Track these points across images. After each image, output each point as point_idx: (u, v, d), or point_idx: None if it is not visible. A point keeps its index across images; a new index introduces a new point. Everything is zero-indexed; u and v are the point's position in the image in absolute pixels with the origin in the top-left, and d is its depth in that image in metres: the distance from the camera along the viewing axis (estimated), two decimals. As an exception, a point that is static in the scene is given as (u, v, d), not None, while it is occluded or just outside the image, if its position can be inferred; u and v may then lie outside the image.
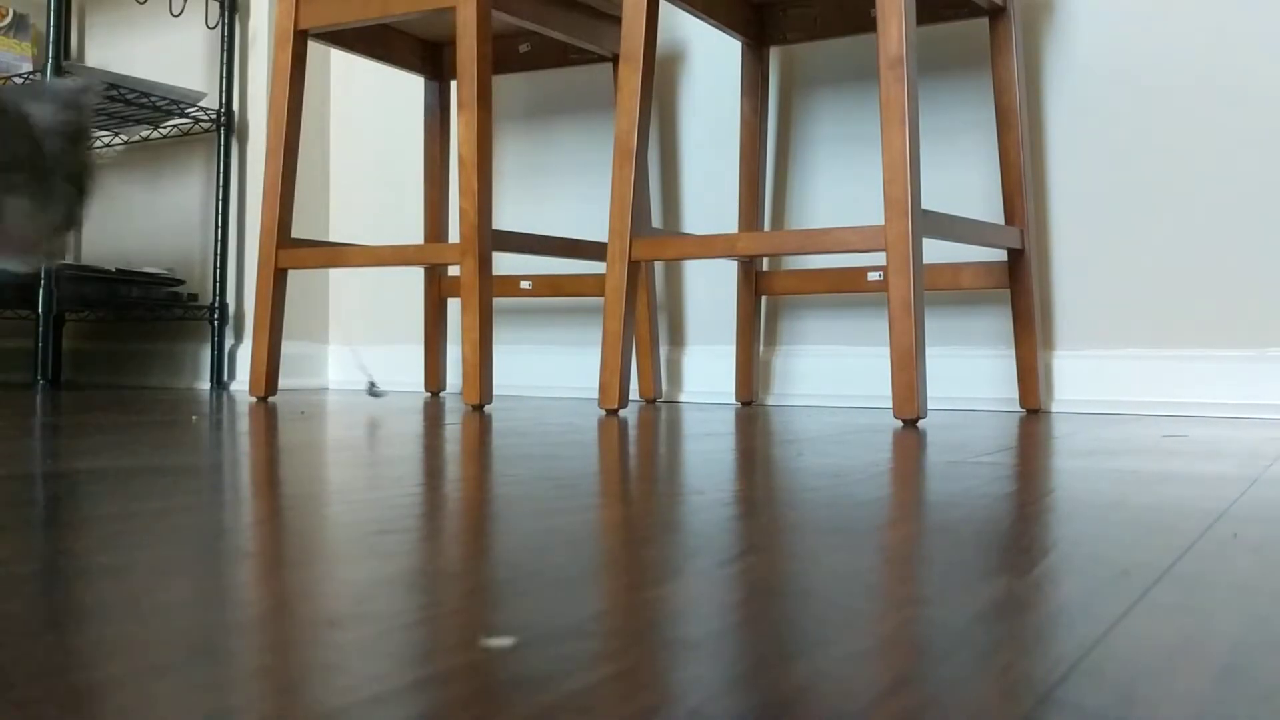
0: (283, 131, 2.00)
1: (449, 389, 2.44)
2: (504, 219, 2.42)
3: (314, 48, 2.58)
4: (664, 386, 2.21)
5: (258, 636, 0.38)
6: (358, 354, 1.08)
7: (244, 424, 1.41)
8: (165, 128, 2.66)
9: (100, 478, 0.81)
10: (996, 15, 1.82)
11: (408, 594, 0.45)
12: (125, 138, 2.77)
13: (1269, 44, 1.74)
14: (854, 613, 0.43)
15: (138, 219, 2.79)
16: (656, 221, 2.24)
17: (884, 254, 1.56)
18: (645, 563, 0.53)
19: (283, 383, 2.50)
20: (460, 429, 1.37)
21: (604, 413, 1.70)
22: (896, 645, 0.38)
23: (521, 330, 2.41)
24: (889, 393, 2.00)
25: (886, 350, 2.01)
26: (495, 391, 2.40)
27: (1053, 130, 1.90)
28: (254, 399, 2.00)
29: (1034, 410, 1.80)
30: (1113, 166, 1.85)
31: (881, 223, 1.55)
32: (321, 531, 0.61)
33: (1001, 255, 1.84)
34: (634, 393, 2.15)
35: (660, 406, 1.98)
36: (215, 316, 2.56)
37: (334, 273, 2.66)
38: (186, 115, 2.54)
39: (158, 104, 2.49)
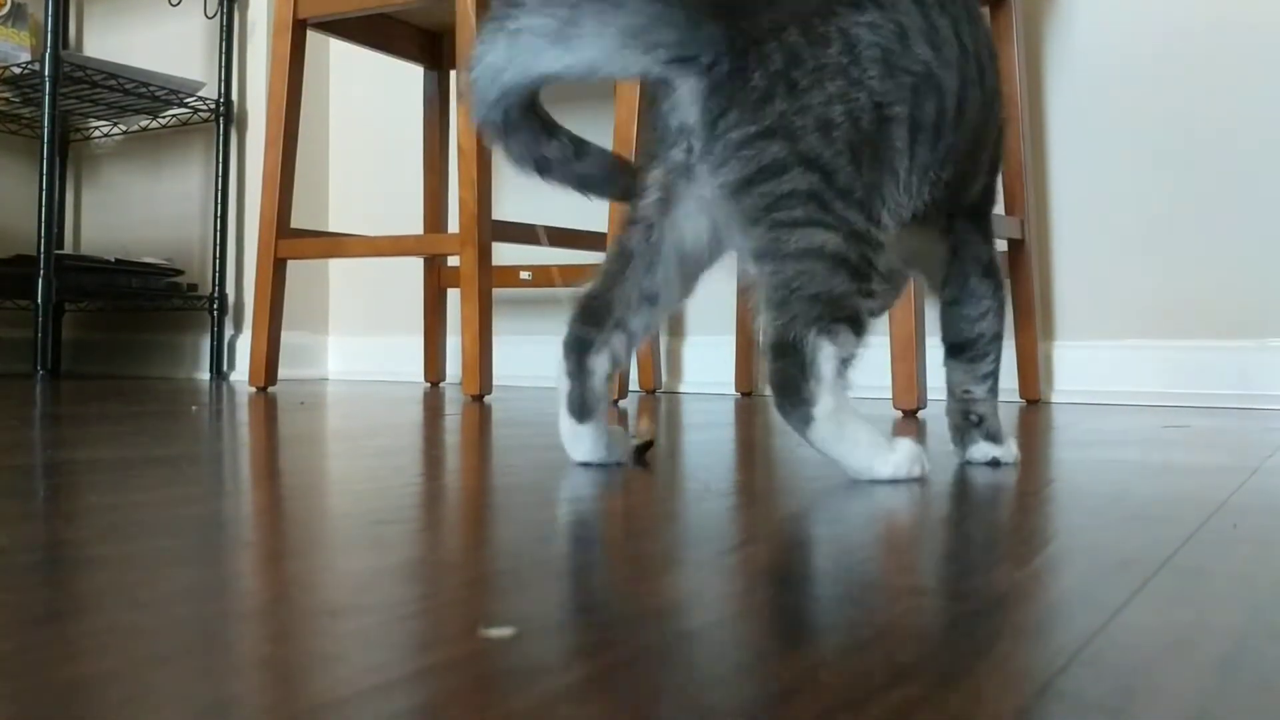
0: (282, 121, 1.99)
1: (449, 380, 2.44)
2: (504, 209, 2.42)
3: (313, 37, 2.57)
4: (664, 377, 2.20)
5: (257, 627, 0.38)
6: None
7: (243, 414, 1.41)
8: (164, 117, 2.65)
9: (100, 468, 0.81)
10: (997, 5, 1.81)
11: (408, 584, 0.45)
12: (124, 127, 2.77)
13: (1271, 35, 1.74)
14: (854, 603, 0.43)
15: (137, 209, 2.79)
16: (656, 212, 2.23)
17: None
18: (645, 553, 0.53)
19: (282, 373, 2.50)
20: (460, 420, 1.37)
21: (604, 403, 1.70)
22: (896, 635, 0.38)
23: (521, 321, 2.41)
24: (889, 383, 2.00)
25: (886, 340, 2.01)
26: (495, 382, 2.40)
27: (1053, 120, 1.89)
28: (254, 389, 2.00)
29: (1034, 401, 1.80)
30: (1113, 157, 1.85)
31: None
32: (321, 522, 0.61)
33: (1001, 245, 1.84)
34: (634, 383, 2.15)
35: (660, 397, 1.98)
36: (215, 307, 2.56)
37: (333, 263, 2.65)
38: (185, 105, 2.53)
39: (156, 94, 2.48)
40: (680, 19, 0.70)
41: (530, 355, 2.37)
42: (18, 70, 2.39)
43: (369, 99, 2.60)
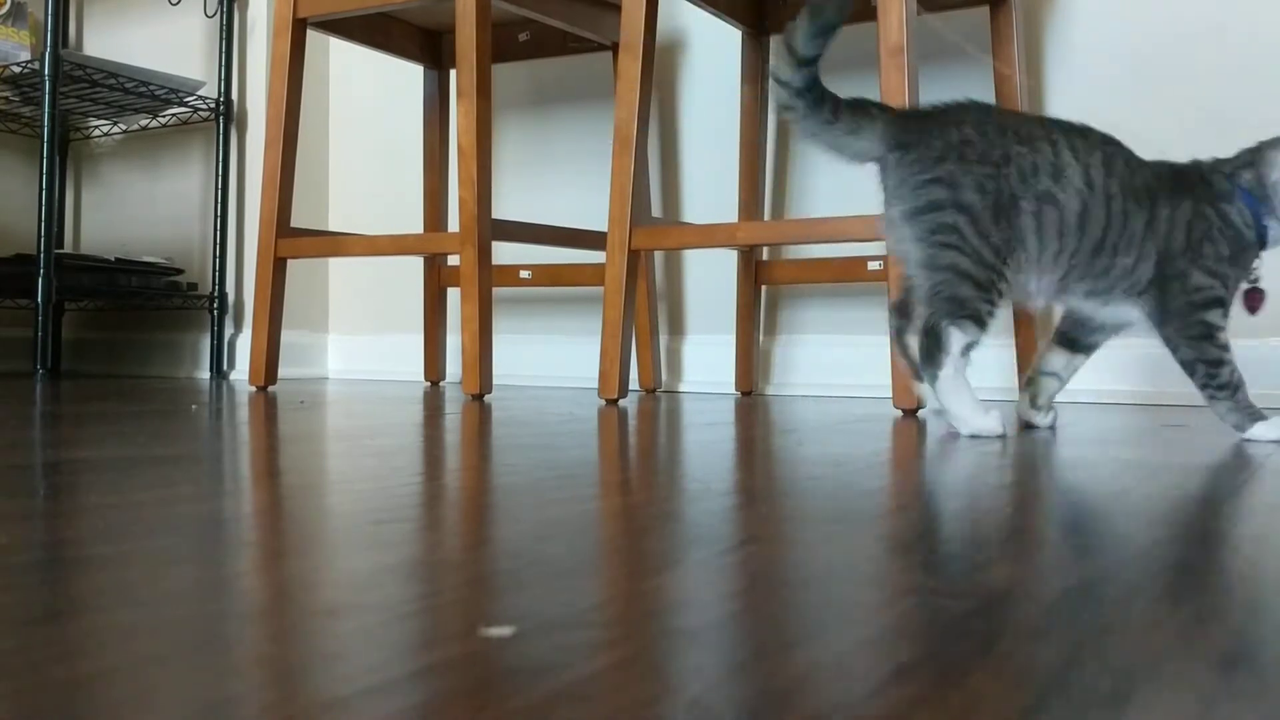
0: (282, 121, 1.99)
1: (449, 379, 2.44)
2: (503, 208, 2.42)
3: (313, 36, 2.57)
4: (664, 376, 2.20)
5: (257, 626, 0.38)
6: None
7: (243, 414, 1.41)
8: (164, 117, 2.65)
9: (99, 467, 0.81)
10: (997, 4, 1.81)
11: (407, 583, 0.45)
12: (124, 126, 2.77)
13: (1272, 35, 1.74)
14: (854, 602, 0.43)
15: (137, 208, 2.79)
16: (656, 211, 2.24)
17: (884, 243, 1.56)
18: (645, 552, 0.53)
19: (282, 372, 2.50)
20: (460, 419, 1.37)
21: (604, 402, 1.70)
22: (897, 634, 0.38)
23: (521, 320, 2.41)
24: (889, 382, 2.00)
25: (886, 340, 2.01)
26: (495, 381, 2.40)
27: (1053, 119, 1.89)
28: (253, 388, 2.00)
29: (1034, 400, 1.80)
30: (1113, 156, 1.84)
31: (882, 211, 1.55)
32: (321, 521, 0.61)
33: (1002, 244, 1.84)
34: (634, 383, 2.15)
35: (660, 396, 1.98)
36: (215, 306, 2.56)
37: (333, 262, 2.65)
38: (185, 104, 2.53)
39: (156, 93, 2.48)
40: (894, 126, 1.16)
41: (530, 354, 2.37)
42: (17, 69, 2.39)
43: (369, 99, 2.60)
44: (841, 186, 2.06)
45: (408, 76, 2.53)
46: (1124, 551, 0.53)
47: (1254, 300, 1.22)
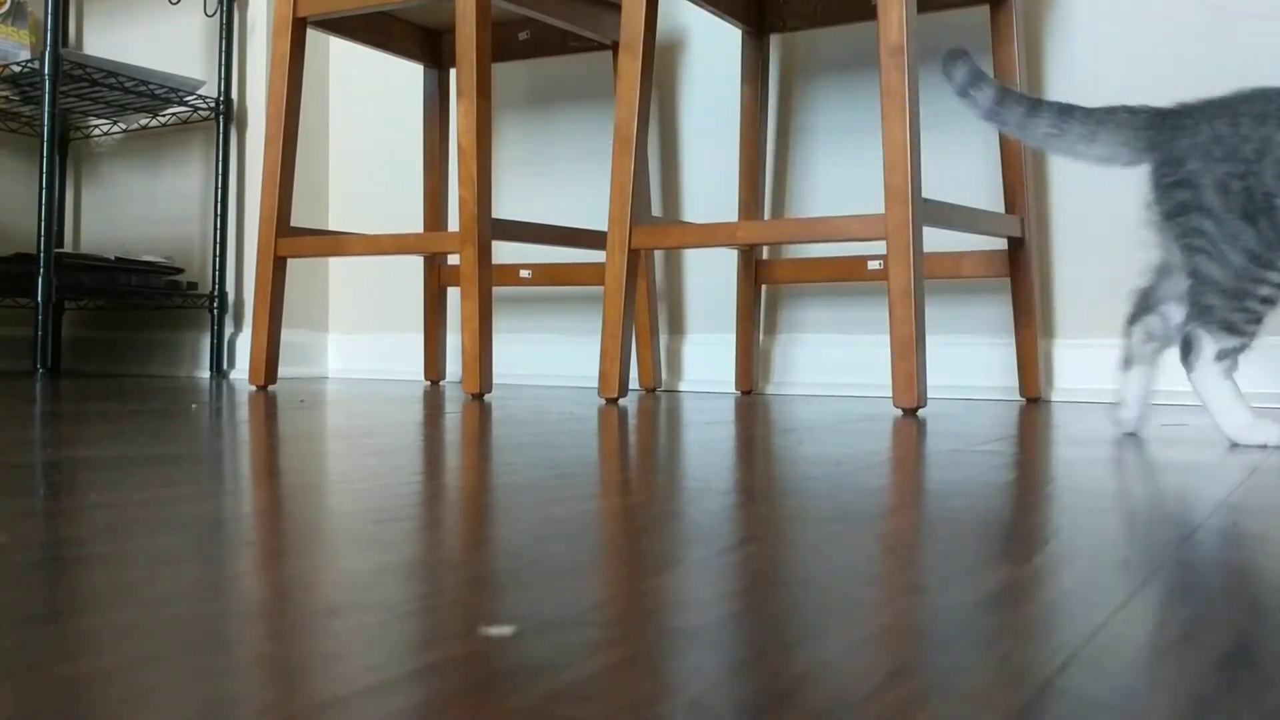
0: (282, 120, 1.99)
1: (449, 378, 2.44)
2: (503, 207, 2.42)
3: (313, 35, 2.57)
4: (664, 375, 2.20)
5: (257, 625, 0.38)
6: None
7: (243, 413, 1.41)
8: (164, 116, 2.65)
9: (99, 466, 0.81)
10: (998, 3, 1.81)
11: (407, 583, 0.45)
12: (124, 126, 2.76)
13: (1272, 34, 1.74)
14: (854, 601, 0.43)
15: (137, 207, 2.79)
16: (656, 210, 2.24)
17: (884, 242, 1.56)
18: (645, 552, 0.53)
19: (282, 371, 2.50)
20: (460, 418, 1.37)
21: (604, 402, 1.70)
22: (896, 634, 0.38)
23: (521, 319, 2.41)
24: (889, 381, 2.00)
25: (886, 339, 2.01)
26: (495, 380, 2.40)
27: (1053, 119, 1.89)
28: (253, 388, 2.00)
29: (1034, 399, 1.80)
30: (1113, 155, 1.84)
31: (882, 211, 1.55)
32: (321, 521, 0.61)
33: (1002, 244, 1.84)
34: (634, 382, 2.14)
35: (660, 395, 1.98)
36: (215, 305, 2.56)
37: (333, 261, 2.65)
38: (185, 103, 2.53)
39: (156, 92, 2.48)
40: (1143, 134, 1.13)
41: (530, 354, 2.37)
42: (17, 69, 2.39)
43: (369, 98, 2.60)
44: (841, 186, 2.06)
45: (408, 76, 2.53)
46: (1124, 551, 0.53)
47: None
